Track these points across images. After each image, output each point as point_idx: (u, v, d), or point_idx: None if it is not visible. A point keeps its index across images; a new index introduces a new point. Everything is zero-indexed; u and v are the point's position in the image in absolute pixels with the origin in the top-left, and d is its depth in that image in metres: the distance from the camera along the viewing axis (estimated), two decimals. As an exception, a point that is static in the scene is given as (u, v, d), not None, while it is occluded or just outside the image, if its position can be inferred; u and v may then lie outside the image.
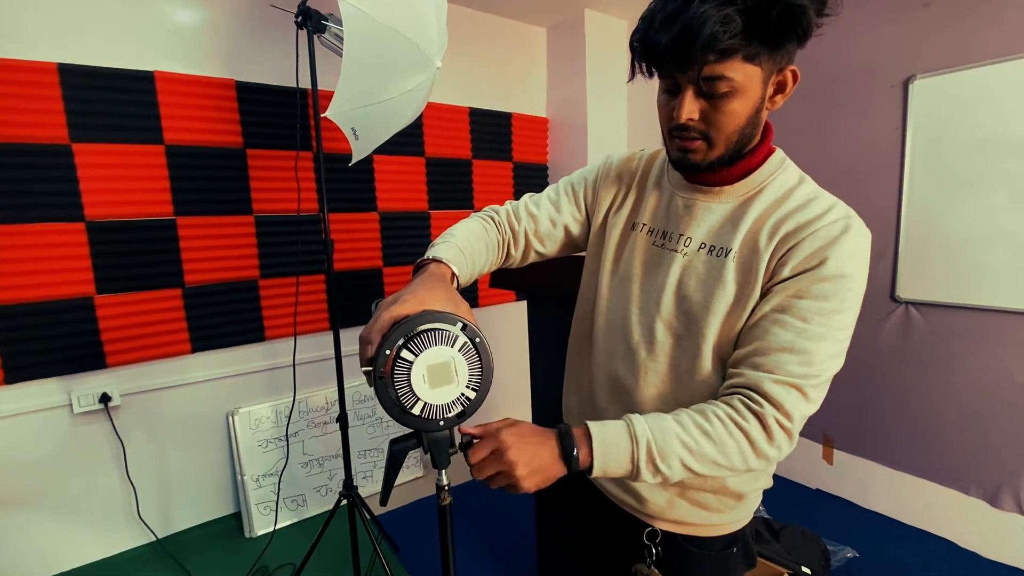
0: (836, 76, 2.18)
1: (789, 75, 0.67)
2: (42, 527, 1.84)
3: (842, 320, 0.65)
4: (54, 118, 1.71)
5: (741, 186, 0.73)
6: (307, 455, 2.28)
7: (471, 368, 0.58)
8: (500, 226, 0.87)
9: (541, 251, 0.90)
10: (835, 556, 1.91)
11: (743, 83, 0.63)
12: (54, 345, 1.79)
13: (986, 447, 1.95)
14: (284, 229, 2.17)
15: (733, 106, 0.65)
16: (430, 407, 0.57)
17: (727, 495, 0.79)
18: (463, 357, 0.58)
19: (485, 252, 0.82)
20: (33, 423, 1.80)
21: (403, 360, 0.55)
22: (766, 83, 0.66)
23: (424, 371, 0.56)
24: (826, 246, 0.65)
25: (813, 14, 0.61)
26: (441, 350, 0.57)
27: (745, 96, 0.65)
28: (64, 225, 1.76)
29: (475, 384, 0.59)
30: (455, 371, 0.57)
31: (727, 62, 0.62)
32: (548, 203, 0.90)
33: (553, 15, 2.76)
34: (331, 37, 1.60)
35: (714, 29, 0.58)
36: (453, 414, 0.59)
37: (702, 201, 0.76)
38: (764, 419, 0.64)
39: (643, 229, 0.82)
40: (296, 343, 2.05)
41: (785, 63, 0.66)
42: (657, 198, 0.82)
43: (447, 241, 0.76)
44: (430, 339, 0.56)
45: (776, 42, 0.62)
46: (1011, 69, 1.77)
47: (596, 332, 0.86)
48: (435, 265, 0.70)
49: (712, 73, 0.62)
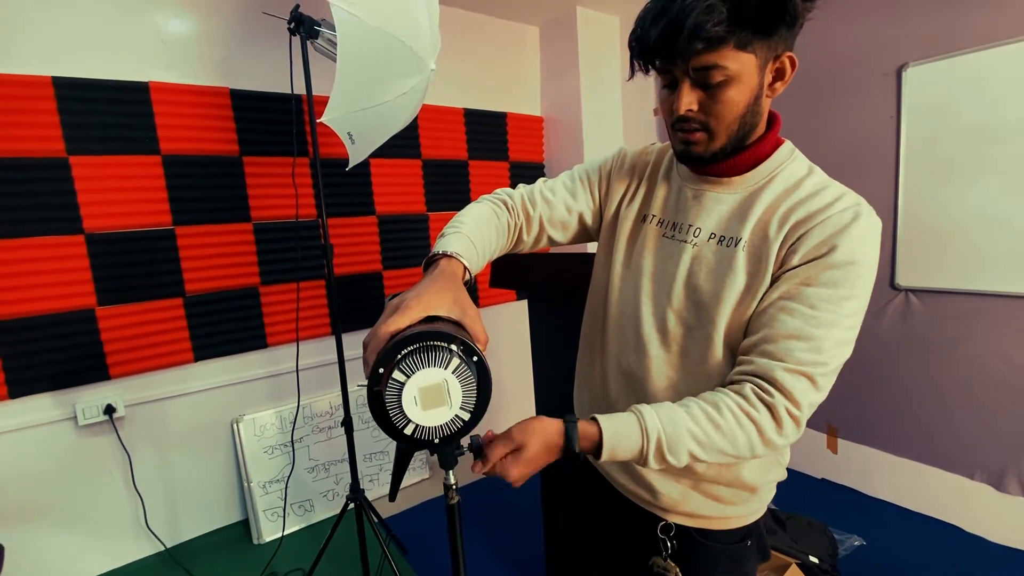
0: (830, 66, 2.18)
1: (787, 61, 0.67)
2: (51, 541, 1.84)
3: (851, 307, 0.65)
4: (50, 131, 1.71)
5: (750, 176, 0.73)
6: (313, 460, 2.28)
7: (465, 390, 0.56)
8: (513, 210, 0.85)
9: (555, 238, 0.89)
10: (842, 545, 1.92)
11: (738, 71, 0.64)
12: (57, 358, 1.79)
13: (989, 431, 1.95)
14: (283, 235, 2.18)
15: (730, 94, 0.65)
16: (422, 428, 0.55)
17: (741, 488, 0.79)
18: (457, 379, 0.55)
19: (496, 238, 0.80)
20: (38, 437, 1.80)
21: (395, 381, 0.54)
22: (763, 70, 0.66)
23: (416, 393, 0.54)
24: (836, 234, 0.65)
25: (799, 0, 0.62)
26: (434, 372, 0.54)
27: (742, 84, 0.65)
28: (63, 238, 1.77)
29: (469, 407, 0.57)
30: (448, 393, 0.55)
31: (719, 51, 0.62)
32: (564, 190, 0.88)
33: (545, 13, 2.77)
34: (324, 43, 1.60)
35: (698, 19, 0.60)
36: (444, 436, 0.57)
37: (711, 192, 0.76)
38: (775, 408, 0.64)
39: (653, 221, 0.82)
40: (299, 348, 2.06)
41: (782, 49, 0.66)
42: (667, 190, 0.82)
43: (458, 231, 0.74)
44: (423, 359, 0.54)
45: (766, 28, 0.63)
46: (1003, 54, 1.77)
47: (608, 324, 0.86)
48: (446, 261, 0.68)
49: (704, 63, 0.63)
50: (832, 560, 1.78)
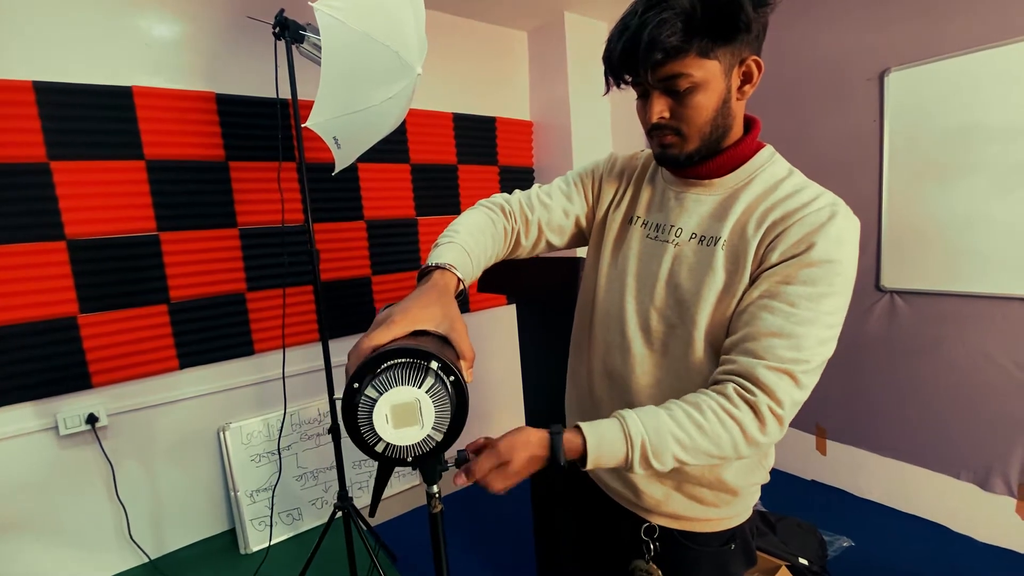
0: (814, 72, 2.21)
1: (753, 65, 0.70)
2: (31, 553, 1.80)
3: (830, 304, 0.66)
4: (31, 136, 1.68)
5: (730, 178, 0.75)
6: (301, 468, 2.26)
7: (439, 410, 0.55)
8: (511, 216, 0.86)
9: (553, 242, 0.90)
10: (832, 546, 1.93)
11: (704, 77, 0.67)
12: (37, 367, 1.76)
13: (975, 431, 1.97)
14: (269, 241, 2.16)
15: (698, 99, 0.68)
16: (392, 447, 0.55)
17: (723, 490, 0.80)
18: (430, 399, 0.54)
19: (492, 245, 0.81)
20: (18, 447, 1.76)
21: (367, 397, 0.53)
22: (728, 75, 0.69)
23: (387, 411, 0.53)
24: (813, 232, 0.66)
25: (750, 6, 0.65)
26: (406, 390, 0.53)
27: (709, 89, 0.68)
28: (44, 244, 1.74)
29: (442, 427, 0.55)
30: (420, 413, 0.54)
31: (681, 60, 0.66)
32: (560, 194, 0.90)
33: (533, 19, 2.78)
34: (309, 47, 1.60)
35: (653, 33, 0.64)
36: (416, 455, 0.56)
37: (692, 194, 0.78)
38: (757, 407, 0.64)
39: (639, 222, 0.84)
40: (285, 355, 2.03)
41: (747, 54, 0.69)
42: (652, 192, 0.85)
43: (452, 241, 0.75)
44: (398, 377, 0.53)
45: (724, 35, 0.65)
46: (983, 59, 1.80)
47: (595, 324, 0.88)
48: (439, 274, 0.69)
49: (668, 72, 0.67)
50: (822, 562, 1.78)
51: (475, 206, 0.86)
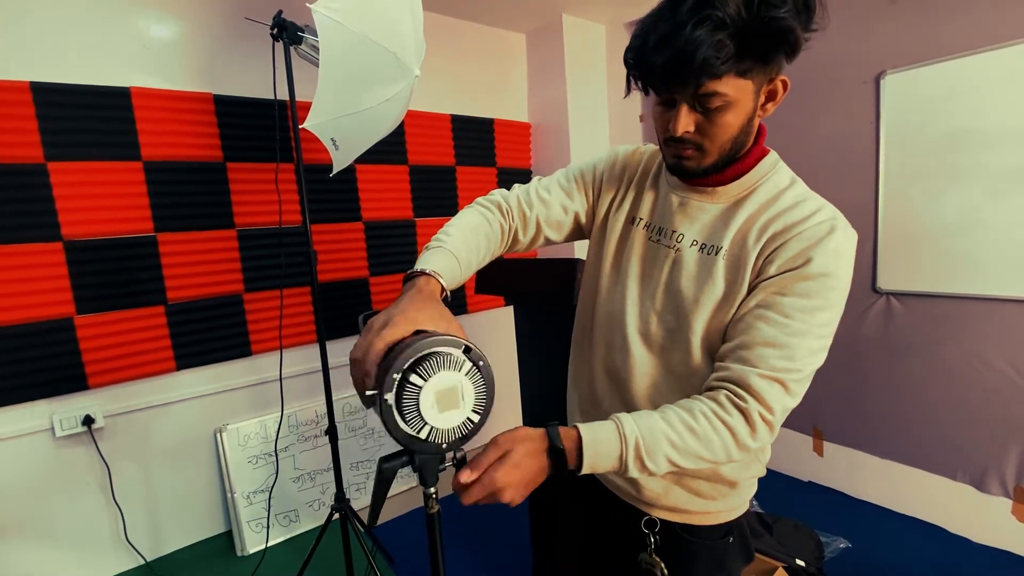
0: (810, 75, 2.22)
1: (779, 84, 0.70)
2: (26, 555, 1.79)
3: (823, 317, 0.67)
4: (28, 137, 1.68)
5: (734, 187, 0.76)
6: (298, 470, 2.25)
7: (477, 392, 0.58)
8: (508, 214, 0.86)
9: (551, 238, 0.91)
10: (828, 547, 1.93)
11: (736, 97, 0.66)
12: (33, 368, 1.75)
13: (971, 432, 1.98)
14: (267, 242, 2.15)
15: (727, 118, 0.67)
16: (436, 431, 0.57)
17: (721, 483, 0.81)
18: (469, 381, 0.58)
19: (486, 245, 0.82)
20: (14, 449, 1.75)
21: (412, 385, 0.55)
22: (758, 94, 0.69)
23: (433, 396, 0.56)
24: (811, 246, 0.67)
25: (800, 31, 0.63)
26: (450, 375, 0.56)
27: (738, 108, 0.67)
28: (41, 246, 1.73)
29: (480, 408, 0.59)
30: (462, 396, 0.57)
31: (719, 79, 0.64)
32: (560, 190, 0.90)
33: (531, 21, 2.78)
34: (307, 48, 1.60)
35: (707, 55, 0.60)
36: (456, 438, 0.59)
37: (696, 200, 0.78)
38: (748, 414, 0.66)
39: (641, 224, 0.84)
40: (282, 357, 2.03)
41: (775, 73, 0.68)
42: (655, 195, 0.85)
43: (441, 246, 0.75)
44: (439, 363, 0.56)
45: (767, 58, 0.64)
46: (979, 62, 1.81)
47: (596, 325, 0.89)
48: (424, 280, 0.69)
49: (707, 91, 0.65)
50: (818, 563, 1.79)
51: (471, 204, 0.87)
